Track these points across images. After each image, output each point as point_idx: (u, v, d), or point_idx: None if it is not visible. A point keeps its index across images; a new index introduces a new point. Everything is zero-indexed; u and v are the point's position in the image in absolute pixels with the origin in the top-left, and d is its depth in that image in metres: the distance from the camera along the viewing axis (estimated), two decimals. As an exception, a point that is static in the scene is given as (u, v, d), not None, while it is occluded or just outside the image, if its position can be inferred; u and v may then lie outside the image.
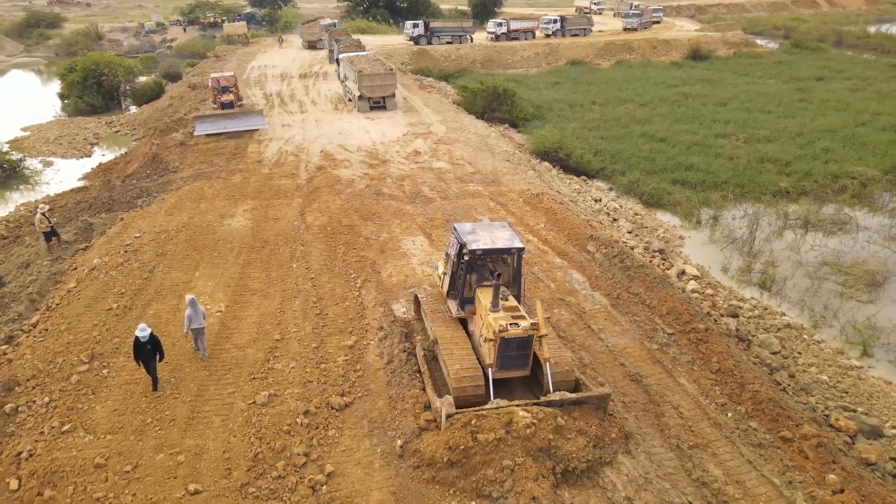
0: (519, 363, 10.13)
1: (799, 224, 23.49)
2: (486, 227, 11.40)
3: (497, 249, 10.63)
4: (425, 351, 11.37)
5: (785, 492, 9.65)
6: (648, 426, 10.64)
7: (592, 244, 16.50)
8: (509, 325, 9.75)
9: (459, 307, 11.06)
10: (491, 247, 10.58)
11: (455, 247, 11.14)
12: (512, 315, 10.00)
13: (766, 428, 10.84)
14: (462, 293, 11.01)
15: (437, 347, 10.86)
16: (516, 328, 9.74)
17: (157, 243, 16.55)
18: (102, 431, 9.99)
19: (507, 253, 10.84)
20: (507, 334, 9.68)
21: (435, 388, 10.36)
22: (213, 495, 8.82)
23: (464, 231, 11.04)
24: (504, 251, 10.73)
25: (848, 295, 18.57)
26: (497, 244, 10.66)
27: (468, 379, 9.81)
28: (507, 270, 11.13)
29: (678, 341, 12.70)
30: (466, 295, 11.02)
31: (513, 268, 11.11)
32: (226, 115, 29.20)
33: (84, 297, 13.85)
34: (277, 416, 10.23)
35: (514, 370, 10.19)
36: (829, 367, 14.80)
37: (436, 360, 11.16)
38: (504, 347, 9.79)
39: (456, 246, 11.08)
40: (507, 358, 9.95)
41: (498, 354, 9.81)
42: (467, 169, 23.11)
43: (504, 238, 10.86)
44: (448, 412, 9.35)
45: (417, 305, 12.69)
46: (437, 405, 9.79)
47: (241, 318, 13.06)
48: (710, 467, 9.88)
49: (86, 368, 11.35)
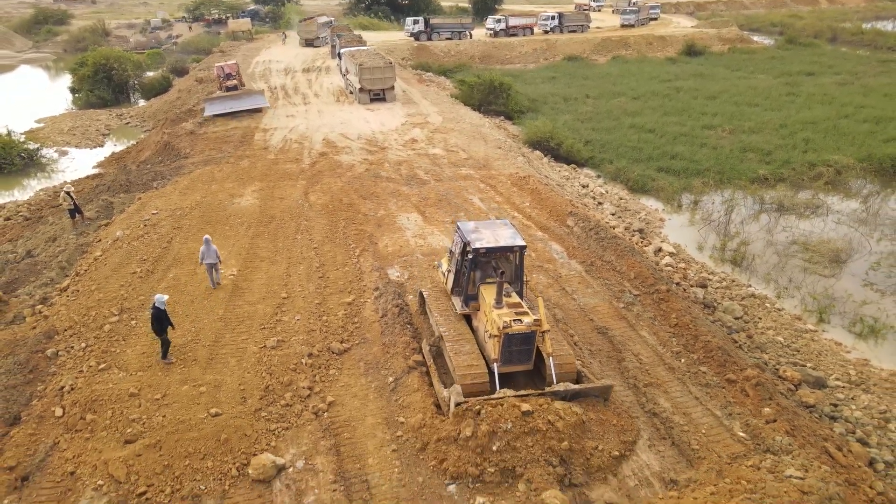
0: (522, 358, 10.39)
1: (773, 208, 24.88)
2: (489, 225, 11.63)
3: (500, 247, 10.87)
4: (431, 346, 11.58)
5: (724, 421, 11.12)
6: (610, 370, 12.12)
7: (571, 219, 17.99)
8: (513, 322, 10.00)
9: (464, 304, 11.29)
10: (494, 245, 10.82)
11: (459, 245, 11.36)
12: (515, 311, 10.25)
13: (714, 372, 12.32)
14: (466, 290, 11.25)
15: (443, 343, 11.05)
16: (520, 324, 9.99)
17: (173, 219, 18.09)
18: (134, 369, 11.53)
19: (510, 251, 11.05)
20: (511, 330, 9.94)
21: (441, 381, 10.69)
22: (231, 417, 10.34)
23: (467, 229, 11.27)
24: (507, 249, 10.96)
25: (812, 270, 19.99)
26: (500, 242, 10.91)
27: (473, 373, 10.12)
28: (509, 267, 11.32)
29: (642, 301, 14.18)
30: (470, 292, 11.24)
31: (515, 265, 11.32)
32: (231, 96, 32.48)
33: (110, 264, 15.40)
34: (285, 357, 11.76)
35: (518, 364, 10.44)
36: (786, 330, 16.26)
37: (441, 355, 11.36)
38: (508, 343, 10.04)
39: (460, 244, 11.29)
40: (511, 353, 10.19)
41: (502, 349, 10.05)
42: (461, 155, 24.60)
43: (506, 236, 11.11)
44: (457, 400, 9.63)
45: (422, 302, 12.82)
46: (445, 394, 10.05)
47: (251, 280, 14.59)
48: (661, 401, 11.37)
49: (116, 319, 12.90)
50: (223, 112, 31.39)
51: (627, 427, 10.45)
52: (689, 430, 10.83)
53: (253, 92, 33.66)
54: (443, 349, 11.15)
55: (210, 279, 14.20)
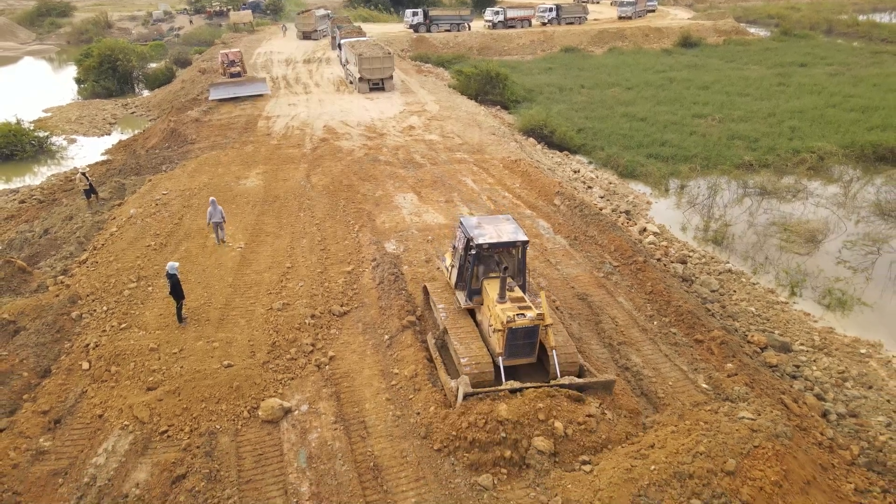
0: (526, 351, 10.59)
1: (756, 192, 25.92)
2: (492, 220, 11.71)
3: (503, 243, 10.97)
4: (436, 340, 11.78)
5: (690, 375, 12.23)
6: (588, 331, 13.22)
7: (558, 199, 19.07)
8: (516, 316, 10.17)
9: (468, 298, 11.41)
10: (497, 240, 10.93)
11: (462, 240, 11.46)
12: (518, 306, 10.40)
13: (684, 333, 13.42)
14: (470, 285, 11.34)
15: (448, 336, 11.21)
16: (523, 318, 10.16)
17: (183, 198, 19.17)
18: (152, 328, 12.64)
19: (513, 246, 11.15)
20: (515, 324, 10.11)
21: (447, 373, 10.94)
22: (242, 368, 11.46)
23: (470, 225, 11.39)
24: (509, 244, 11.07)
25: (788, 249, 21.04)
26: (503, 238, 11.03)
27: (479, 366, 10.31)
28: (512, 262, 11.44)
29: (621, 271, 15.27)
30: (474, 286, 11.34)
31: (518, 259, 11.42)
32: (235, 82, 34.47)
33: (126, 238, 16.50)
34: (290, 318, 12.87)
35: (522, 358, 10.64)
36: (758, 301, 17.35)
37: (445, 347, 11.57)
38: (512, 337, 10.22)
39: (463, 240, 11.41)
40: (515, 346, 10.39)
41: (506, 343, 10.25)
42: (456, 141, 25.64)
43: (509, 231, 11.26)
44: (466, 391, 9.81)
45: (426, 296, 12.92)
46: (453, 385, 10.22)
47: (258, 253, 15.69)
48: (633, 357, 12.47)
49: (134, 286, 14.02)
50: (227, 97, 33.15)
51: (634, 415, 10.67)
52: (657, 381, 11.94)
53: (255, 79, 35.54)
54: (448, 342, 11.31)
55: (216, 236, 16.06)
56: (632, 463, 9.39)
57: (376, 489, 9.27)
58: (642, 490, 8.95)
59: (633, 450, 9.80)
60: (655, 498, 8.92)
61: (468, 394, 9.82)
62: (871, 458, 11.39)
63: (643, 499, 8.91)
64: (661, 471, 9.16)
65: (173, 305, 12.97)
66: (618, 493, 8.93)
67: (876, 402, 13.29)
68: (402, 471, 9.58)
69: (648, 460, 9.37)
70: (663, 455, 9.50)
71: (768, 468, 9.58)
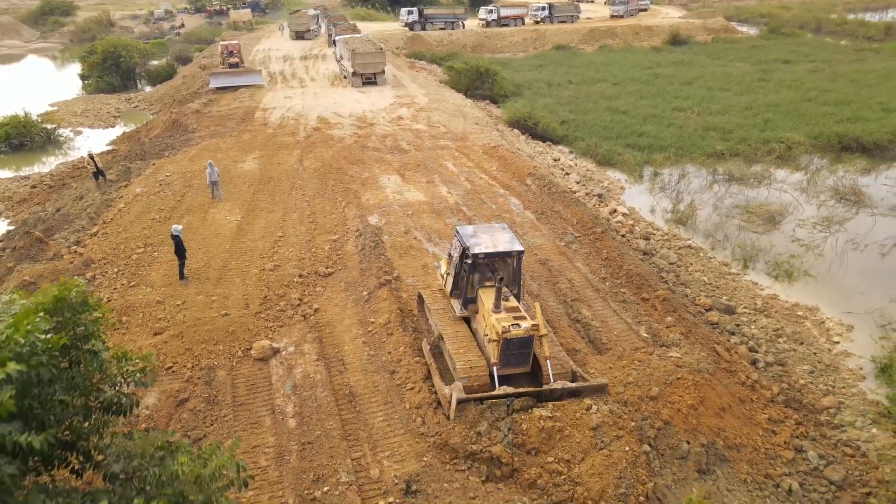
0: (520, 361, 10.72)
1: (724, 178, 27.52)
2: (487, 229, 11.79)
3: (498, 253, 11.06)
4: (431, 346, 11.94)
5: (633, 326, 13.83)
6: (547, 291, 14.83)
7: (530, 179, 20.70)
8: (511, 327, 10.27)
9: (463, 307, 11.51)
10: (493, 250, 11.00)
11: (458, 249, 11.53)
12: (514, 316, 10.49)
13: (632, 293, 15.02)
14: (465, 293, 11.40)
15: (443, 343, 11.35)
16: (518, 329, 10.26)
17: (185, 179, 20.81)
18: (158, 286, 14.27)
19: (508, 255, 11.23)
20: (510, 335, 10.21)
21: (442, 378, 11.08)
22: (237, 317, 13.09)
23: (466, 234, 11.45)
24: (505, 254, 11.17)
25: (747, 228, 22.62)
26: (498, 247, 11.09)
27: (474, 370, 10.47)
28: (507, 271, 11.51)
29: (581, 240, 16.89)
30: (469, 295, 11.42)
31: (512, 268, 11.49)
32: (233, 72, 36.93)
33: (133, 213, 18.14)
34: (280, 277, 14.50)
35: (517, 367, 10.76)
36: (712, 272, 18.95)
37: (440, 354, 11.70)
38: (507, 347, 10.34)
39: (459, 248, 11.48)
40: (510, 356, 10.52)
41: (501, 353, 10.38)
42: (441, 130, 27.29)
43: (504, 241, 11.30)
44: (459, 397, 9.99)
45: (421, 303, 13.02)
46: (447, 391, 10.32)
47: (252, 225, 17.32)
48: (584, 311, 14.08)
49: (142, 251, 15.65)
50: (225, 85, 35.65)
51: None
52: (603, 331, 13.55)
53: (252, 70, 38.04)
54: (443, 349, 11.46)
55: (212, 193, 18.71)
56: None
57: (350, 410, 10.88)
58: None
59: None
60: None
61: (461, 399, 10.00)
62: (789, 397, 12.99)
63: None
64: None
65: (177, 267, 14.58)
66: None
67: (803, 355, 14.90)
68: (374, 397, 11.19)
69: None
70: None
71: (686, 394, 11.20)
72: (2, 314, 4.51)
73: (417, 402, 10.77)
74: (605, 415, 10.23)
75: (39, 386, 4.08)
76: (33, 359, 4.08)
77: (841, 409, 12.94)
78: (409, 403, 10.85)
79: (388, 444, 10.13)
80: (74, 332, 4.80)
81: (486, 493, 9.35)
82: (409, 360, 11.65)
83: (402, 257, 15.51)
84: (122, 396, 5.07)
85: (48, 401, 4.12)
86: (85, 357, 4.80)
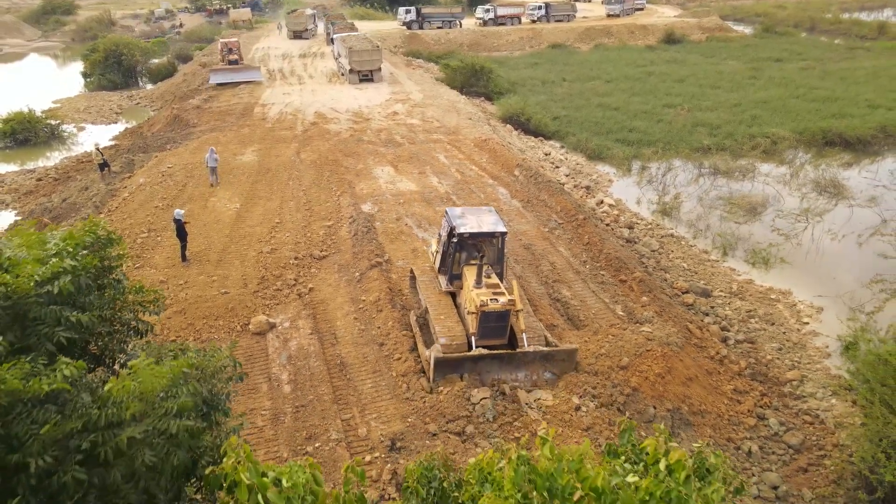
0: (498, 333, 11.41)
1: (710, 172, 28.33)
2: (475, 211, 12.54)
3: (482, 233, 11.79)
4: (418, 317, 12.78)
5: (610, 306, 14.65)
6: (530, 273, 15.64)
7: (518, 170, 21.53)
8: (490, 301, 10.97)
9: (448, 282, 12.30)
10: (477, 230, 11.73)
11: (446, 229, 12.24)
12: (493, 292, 11.24)
13: (611, 275, 15.84)
14: (451, 270, 12.17)
15: (428, 315, 12.11)
16: (496, 303, 10.97)
17: (186, 170, 21.63)
18: (161, 267, 15.09)
19: (492, 236, 11.97)
20: (488, 308, 10.93)
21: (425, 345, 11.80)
22: (236, 295, 13.91)
23: (454, 215, 12.17)
24: (489, 235, 11.90)
25: (729, 218, 23.42)
26: (483, 228, 11.81)
27: (453, 338, 11.25)
28: (492, 251, 12.23)
29: (564, 227, 17.72)
30: (455, 272, 12.18)
31: (497, 248, 12.21)
32: (232, 69, 38.31)
33: (137, 201, 18.96)
34: (277, 259, 15.33)
35: (494, 339, 11.44)
36: (692, 259, 19.77)
37: (427, 326, 12.43)
38: (485, 319, 11.06)
39: (447, 228, 12.19)
40: (488, 328, 11.21)
41: (479, 325, 11.10)
42: (434, 124, 28.12)
43: (489, 222, 12.04)
44: (437, 357, 10.75)
45: (413, 279, 13.78)
46: (427, 354, 11.06)
47: (251, 212, 18.15)
48: (564, 292, 14.90)
49: (146, 235, 16.48)
50: (225, 81, 36.73)
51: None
52: (582, 309, 14.37)
53: (251, 67, 39.34)
54: (428, 320, 12.23)
55: (210, 177, 19.59)
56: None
57: (341, 378, 11.70)
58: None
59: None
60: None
61: (438, 359, 10.75)
62: (755, 371, 13.81)
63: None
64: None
65: (179, 250, 15.40)
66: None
67: (773, 334, 15.73)
68: (363, 366, 12.01)
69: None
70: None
71: (654, 364, 12.02)
72: (48, 240, 5.51)
73: (403, 371, 11.59)
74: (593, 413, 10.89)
75: (79, 294, 5.01)
76: (78, 267, 5.17)
77: (804, 382, 13.76)
78: (395, 372, 11.67)
79: (375, 407, 10.94)
80: (101, 263, 5.69)
81: (465, 450, 10.17)
82: (396, 334, 12.46)
83: (392, 242, 16.33)
84: (139, 322, 5.98)
85: (88, 304, 5.07)
86: (110, 283, 5.67)
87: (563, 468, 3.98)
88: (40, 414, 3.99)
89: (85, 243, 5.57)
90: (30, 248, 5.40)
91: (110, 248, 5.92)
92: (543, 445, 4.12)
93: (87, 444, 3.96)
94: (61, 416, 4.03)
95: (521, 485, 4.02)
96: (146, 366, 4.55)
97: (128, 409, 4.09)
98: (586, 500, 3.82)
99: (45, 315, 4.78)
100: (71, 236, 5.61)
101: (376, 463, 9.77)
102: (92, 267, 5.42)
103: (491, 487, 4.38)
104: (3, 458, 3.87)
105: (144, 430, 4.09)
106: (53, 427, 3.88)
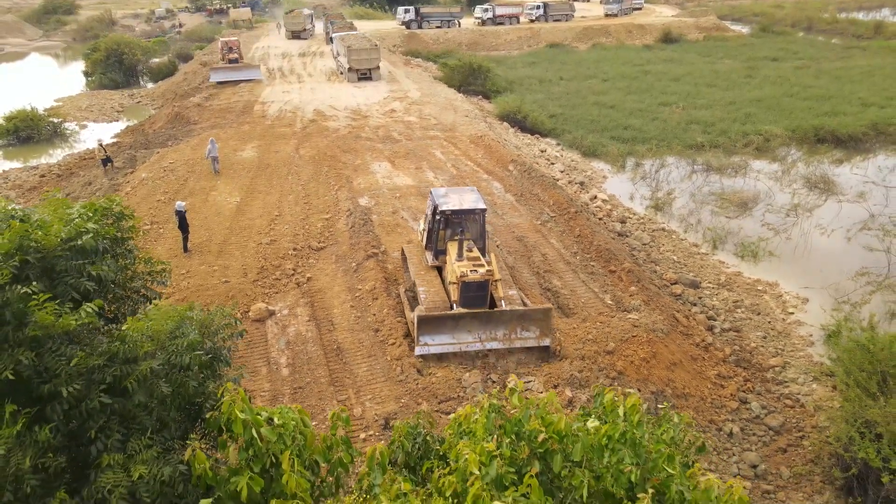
0: (478, 301, 12.17)
1: (703, 168, 28.78)
2: (458, 191, 13.52)
3: (463, 210, 12.75)
4: (406, 290, 13.63)
5: (600, 295, 15.09)
6: (522, 263, 16.09)
7: (512, 165, 21.99)
8: (470, 272, 11.90)
9: (434, 257, 13.28)
10: (458, 208, 12.71)
11: (431, 207, 13.18)
12: (473, 264, 12.18)
13: (601, 266, 16.28)
14: (436, 246, 13.15)
15: (416, 287, 13.00)
16: (475, 274, 11.91)
17: (188, 166, 22.08)
18: (164, 258, 15.37)
19: (472, 213, 12.90)
20: (468, 278, 11.85)
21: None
22: (236, 284, 14.37)
23: (438, 194, 13.11)
24: (469, 211, 12.85)
25: (720, 213, 23.88)
26: (464, 205, 12.78)
27: (435, 303, 12.24)
28: (475, 227, 13.12)
29: (556, 220, 18.16)
30: (440, 247, 13.12)
31: (479, 225, 13.09)
32: (232, 68, 38.97)
33: (139, 195, 19.41)
34: (276, 250, 15.78)
35: (475, 307, 12.17)
36: (682, 252, 20.22)
37: (415, 299, 13.10)
38: (465, 289, 11.94)
39: (431, 206, 13.14)
40: (468, 297, 12.02)
41: (460, 294, 12.01)
42: (431, 121, 28.58)
43: (470, 200, 12.99)
44: (420, 315, 11.64)
45: (404, 257, 14.59)
46: (412, 316, 11.88)
47: (251, 205, 18.60)
48: (555, 281, 15.34)
49: (148, 227, 16.94)
50: (225, 79, 37.31)
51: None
52: (572, 298, 14.81)
53: (251, 65, 39.90)
54: (416, 293, 13.03)
55: (213, 167, 20.32)
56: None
57: (337, 362, 12.15)
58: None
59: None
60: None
61: (422, 317, 11.71)
62: (739, 358, 14.26)
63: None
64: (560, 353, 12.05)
65: (181, 241, 15.85)
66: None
67: (758, 323, 16.17)
68: (359, 351, 12.46)
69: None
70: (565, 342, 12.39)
71: (639, 349, 12.47)
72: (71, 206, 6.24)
73: (397, 355, 12.04)
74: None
75: (96, 255, 5.56)
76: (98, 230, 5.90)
77: (786, 368, 14.21)
78: (389, 356, 12.12)
79: (370, 389, 11.40)
80: (116, 234, 6.31)
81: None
82: (391, 321, 12.91)
83: (389, 234, 16.78)
84: (148, 290, 6.49)
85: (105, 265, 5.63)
86: (123, 253, 6.18)
87: (529, 415, 4.42)
88: (68, 350, 4.52)
89: (103, 211, 6.12)
90: (56, 211, 6.04)
91: (123, 222, 6.40)
92: (512, 395, 4.56)
93: (109, 378, 4.53)
94: (86, 353, 4.55)
95: (492, 429, 4.46)
96: (156, 309, 5.13)
97: (142, 348, 4.73)
98: (550, 442, 4.27)
99: (70, 268, 5.44)
100: (91, 205, 6.14)
101: (371, 441, 10.21)
102: (108, 235, 5.95)
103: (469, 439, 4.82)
104: (38, 388, 4.42)
105: (160, 363, 4.73)
106: (81, 359, 4.44)
